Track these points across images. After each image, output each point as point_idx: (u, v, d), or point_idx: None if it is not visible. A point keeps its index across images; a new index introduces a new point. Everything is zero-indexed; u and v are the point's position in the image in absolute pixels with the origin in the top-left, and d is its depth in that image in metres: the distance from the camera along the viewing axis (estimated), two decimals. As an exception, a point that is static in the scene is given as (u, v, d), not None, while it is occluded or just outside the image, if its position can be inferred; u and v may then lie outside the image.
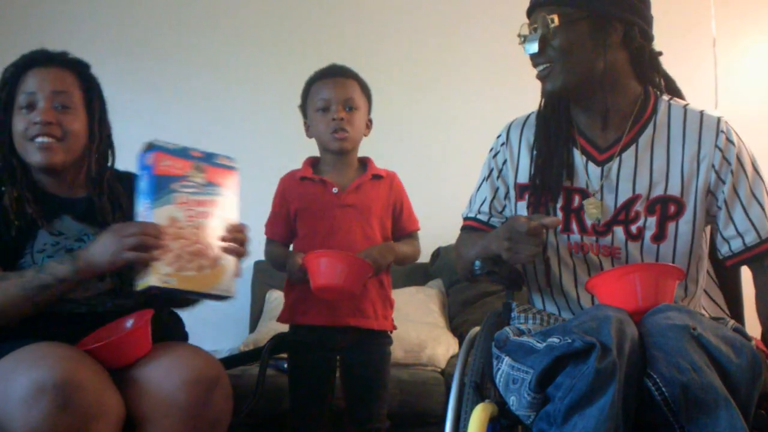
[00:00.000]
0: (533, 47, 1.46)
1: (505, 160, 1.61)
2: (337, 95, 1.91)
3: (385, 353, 1.95)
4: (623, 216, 1.49)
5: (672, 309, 1.25)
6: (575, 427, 1.12)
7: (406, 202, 2.01)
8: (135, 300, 1.60)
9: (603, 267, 1.50)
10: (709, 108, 1.57)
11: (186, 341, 1.74)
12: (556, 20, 1.43)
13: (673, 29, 3.05)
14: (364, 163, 2.00)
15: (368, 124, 2.00)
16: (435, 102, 3.41)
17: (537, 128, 1.57)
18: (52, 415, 1.29)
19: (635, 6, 1.47)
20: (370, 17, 3.46)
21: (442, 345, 2.68)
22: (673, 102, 1.53)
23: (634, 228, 1.48)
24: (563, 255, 1.53)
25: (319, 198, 1.92)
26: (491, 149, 1.66)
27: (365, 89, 1.98)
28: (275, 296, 2.95)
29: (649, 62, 1.53)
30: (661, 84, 1.56)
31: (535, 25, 1.47)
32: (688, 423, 1.13)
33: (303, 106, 2.00)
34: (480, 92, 3.38)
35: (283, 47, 3.42)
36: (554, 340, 1.21)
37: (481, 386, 1.40)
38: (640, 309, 1.29)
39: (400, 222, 1.99)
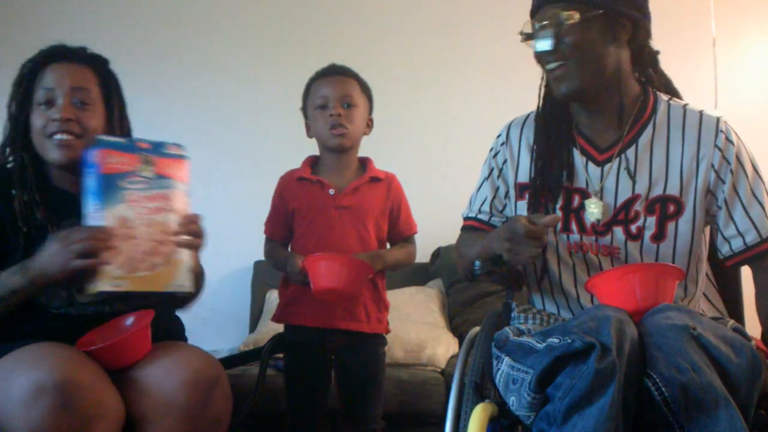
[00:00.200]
0: (546, 44, 1.42)
1: (505, 160, 1.61)
2: (335, 92, 1.91)
3: (379, 354, 1.95)
4: (623, 216, 1.49)
5: (672, 309, 1.25)
6: (575, 427, 1.12)
7: (405, 205, 2.00)
8: (134, 304, 1.58)
9: (602, 267, 1.50)
10: (709, 108, 1.57)
11: (185, 341, 1.74)
12: (577, 16, 1.40)
13: (673, 29, 3.05)
14: (364, 164, 2.00)
15: (369, 123, 1.99)
16: (435, 102, 3.41)
17: (536, 129, 1.57)
18: (52, 416, 1.29)
19: (641, 4, 1.47)
20: (370, 17, 3.46)
21: (442, 345, 2.67)
22: (673, 102, 1.52)
23: (634, 228, 1.48)
24: (563, 255, 1.53)
25: (316, 198, 1.92)
26: (491, 149, 1.66)
27: (365, 88, 1.98)
28: (275, 296, 2.93)
29: (648, 61, 1.53)
30: (658, 83, 1.56)
31: (545, 22, 1.43)
32: (688, 423, 1.12)
33: (303, 107, 2.00)
34: (480, 92, 3.38)
35: (283, 47, 3.42)
36: (554, 341, 1.21)
37: (481, 386, 1.40)
38: (640, 309, 1.29)
39: (397, 225, 1.99)
